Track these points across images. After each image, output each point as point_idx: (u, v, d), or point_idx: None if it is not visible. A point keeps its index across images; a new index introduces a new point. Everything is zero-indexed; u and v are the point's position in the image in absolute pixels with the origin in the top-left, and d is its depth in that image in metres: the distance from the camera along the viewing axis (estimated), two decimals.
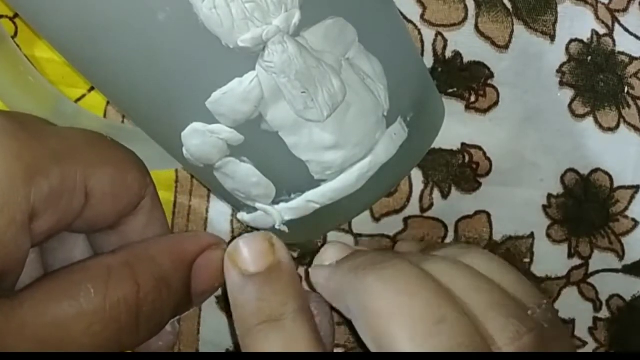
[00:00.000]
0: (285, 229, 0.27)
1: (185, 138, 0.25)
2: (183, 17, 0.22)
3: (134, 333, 0.25)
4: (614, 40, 0.34)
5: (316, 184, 0.26)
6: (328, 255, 0.29)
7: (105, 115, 0.33)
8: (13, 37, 0.32)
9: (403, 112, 0.26)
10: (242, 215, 0.29)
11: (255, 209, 0.28)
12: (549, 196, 0.35)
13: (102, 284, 0.25)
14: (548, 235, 0.35)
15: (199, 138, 0.25)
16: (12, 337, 0.23)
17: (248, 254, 0.27)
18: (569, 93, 0.34)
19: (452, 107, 0.34)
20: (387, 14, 0.27)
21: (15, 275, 0.24)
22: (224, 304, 0.35)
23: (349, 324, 0.27)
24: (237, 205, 0.29)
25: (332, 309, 0.29)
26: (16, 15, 0.32)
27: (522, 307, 0.26)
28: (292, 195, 0.27)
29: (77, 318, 0.24)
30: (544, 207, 0.35)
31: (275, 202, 0.27)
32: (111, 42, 0.24)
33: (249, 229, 0.34)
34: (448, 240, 0.35)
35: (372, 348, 0.25)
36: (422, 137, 0.28)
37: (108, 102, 0.33)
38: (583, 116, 0.34)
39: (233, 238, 0.34)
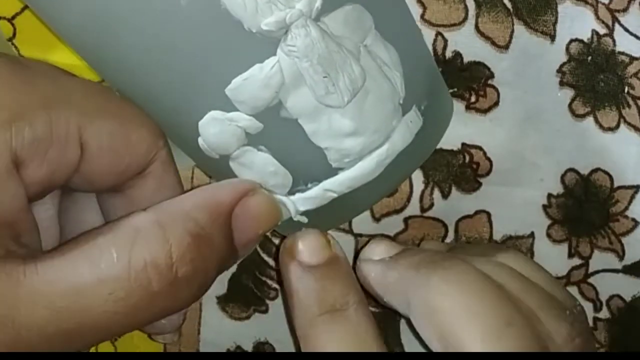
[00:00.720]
0: (303, 219, 0.27)
1: (203, 127, 0.25)
2: (206, 0, 0.22)
3: (173, 298, 0.23)
4: (614, 40, 0.34)
5: (334, 172, 0.26)
6: (378, 250, 0.30)
7: None
8: (11, 39, 0.32)
9: (417, 100, 0.27)
10: None
11: None
12: (549, 196, 0.35)
13: (126, 246, 0.22)
14: (548, 235, 0.35)
15: (217, 126, 0.25)
16: (23, 306, 0.21)
17: (306, 247, 0.27)
18: (569, 93, 0.34)
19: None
20: (399, 4, 0.27)
21: (25, 227, 0.23)
22: (224, 304, 0.35)
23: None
24: None
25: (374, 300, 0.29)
26: (14, 17, 0.32)
27: (564, 309, 0.27)
28: (309, 185, 0.27)
29: (97, 285, 0.22)
30: (544, 207, 0.35)
31: (291, 192, 0.27)
32: (131, 29, 0.23)
33: None
34: (448, 240, 0.35)
35: (434, 345, 0.26)
36: (435, 125, 0.28)
37: None
38: (583, 116, 0.34)
39: None
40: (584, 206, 0.35)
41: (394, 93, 0.26)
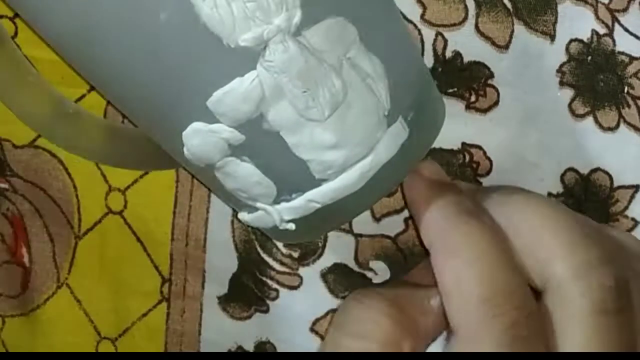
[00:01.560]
0: (291, 226, 0.27)
1: (186, 138, 0.25)
2: (184, 16, 0.22)
3: None
4: (614, 40, 0.34)
5: (317, 183, 0.26)
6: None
7: (105, 115, 0.33)
8: (13, 37, 0.32)
9: (404, 111, 0.26)
10: (243, 215, 0.29)
11: (256, 209, 0.28)
12: (549, 195, 0.35)
13: None
14: None
15: (200, 138, 0.25)
16: None
17: None
18: (569, 93, 0.34)
19: (452, 107, 0.34)
20: (387, 13, 0.27)
21: None
22: (225, 304, 0.35)
23: None
24: (237, 205, 0.29)
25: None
26: (16, 15, 0.32)
27: None
28: (293, 195, 0.26)
29: None
30: None
31: (276, 201, 0.27)
32: (111, 43, 0.24)
33: (249, 229, 0.34)
34: None
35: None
36: (422, 136, 0.28)
37: (108, 102, 0.33)
38: (583, 116, 0.34)
39: (234, 239, 0.34)
40: (584, 206, 0.35)
41: (378, 105, 0.25)
